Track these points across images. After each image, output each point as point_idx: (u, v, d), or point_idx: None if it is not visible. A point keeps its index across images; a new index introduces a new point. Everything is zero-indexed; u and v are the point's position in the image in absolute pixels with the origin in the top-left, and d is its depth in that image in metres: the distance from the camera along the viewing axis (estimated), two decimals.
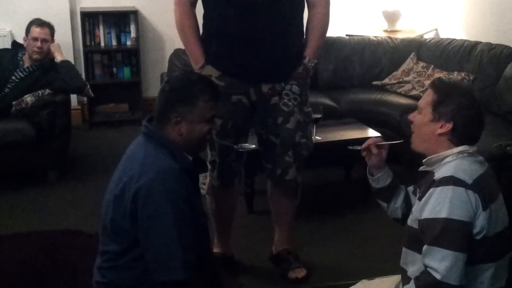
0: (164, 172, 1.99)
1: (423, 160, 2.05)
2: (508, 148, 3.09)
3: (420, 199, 1.98)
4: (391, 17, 5.23)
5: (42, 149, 3.84)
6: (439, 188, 1.89)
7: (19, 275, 2.82)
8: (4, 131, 3.74)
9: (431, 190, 1.91)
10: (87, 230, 3.23)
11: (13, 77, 3.92)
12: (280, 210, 2.87)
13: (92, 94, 4.23)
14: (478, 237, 1.88)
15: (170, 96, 2.11)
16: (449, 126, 1.97)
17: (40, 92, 3.91)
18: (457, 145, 1.98)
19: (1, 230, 3.26)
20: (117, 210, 2.04)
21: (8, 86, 3.89)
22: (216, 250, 2.88)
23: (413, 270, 1.99)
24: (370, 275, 2.24)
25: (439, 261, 1.83)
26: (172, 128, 2.10)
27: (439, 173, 1.93)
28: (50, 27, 4.04)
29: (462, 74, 4.15)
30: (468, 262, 1.87)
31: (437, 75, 4.26)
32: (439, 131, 1.98)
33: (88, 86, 4.15)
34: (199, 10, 2.63)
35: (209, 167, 2.76)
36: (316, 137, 3.27)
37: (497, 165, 3.04)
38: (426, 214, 1.90)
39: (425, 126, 2.02)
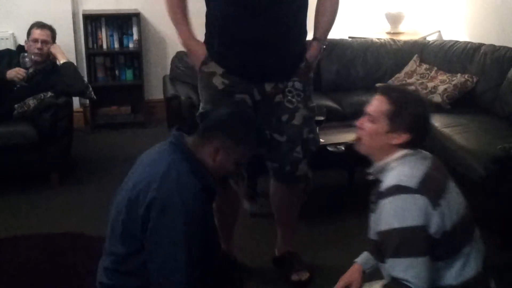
0: (185, 188, 1.97)
1: (370, 171, 2.05)
2: None
3: (373, 211, 1.98)
4: (394, 19, 5.22)
5: (44, 152, 3.84)
6: (387, 199, 1.89)
7: (20, 278, 2.82)
8: (7, 134, 3.74)
9: (380, 202, 1.92)
10: (88, 233, 3.23)
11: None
12: (284, 211, 2.85)
13: (95, 97, 4.23)
14: (437, 236, 1.88)
15: (224, 126, 2.12)
16: (405, 137, 1.96)
17: (42, 95, 3.90)
18: (403, 148, 1.98)
19: (3, 232, 3.26)
20: (129, 213, 2.02)
21: (14, 88, 3.89)
22: None
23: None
24: (372, 278, 2.23)
25: (405, 271, 1.84)
26: (208, 151, 2.09)
27: (385, 183, 1.93)
28: (51, 30, 4.05)
29: (466, 76, 4.14)
30: (434, 260, 1.88)
31: (440, 77, 4.25)
32: (395, 141, 1.97)
33: (90, 89, 4.14)
34: (202, 8, 2.62)
35: None
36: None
37: (502, 167, 3.04)
38: (381, 228, 1.91)
39: (380, 136, 2.00)
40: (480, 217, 3.23)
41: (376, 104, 2.02)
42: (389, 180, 1.93)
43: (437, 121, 3.71)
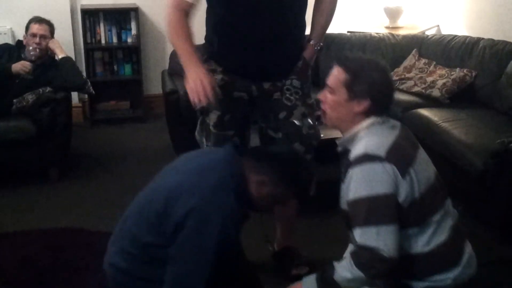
0: (227, 209, 1.98)
1: (337, 141, 2.08)
2: (510, 144, 3.08)
3: (343, 181, 2.00)
4: (393, 14, 5.21)
5: (43, 147, 3.84)
6: (356, 168, 1.91)
7: (20, 273, 2.82)
8: (5, 129, 3.73)
9: (349, 171, 1.94)
10: (88, 228, 3.24)
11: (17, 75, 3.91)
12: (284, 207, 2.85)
13: (93, 92, 4.22)
14: (406, 204, 1.91)
15: (281, 164, 2.12)
16: (366, 103, 1.99)
17: (40, 90, 3.89)
18: (369, 117, 2.00)
19: (2, 228, 3.26)
20: (166, 209, 2.01)
21: (16, 82, 3.88)
22: None
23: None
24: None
25: (377, 239, 1.85)
26: (255, 179, 2.10)
27: (353, 152, 1.96)
28: (49, 24, 4.04)
29: (464, 71, 4.14)
30: (404, 228, 1.90)
31: (439, 71, 4.25)
32: (356, 109, 2.00)
33: (89, 84, 4.14)
34: (202, 6, 2.61)
35: None
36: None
37: (500, 161, 3.04)
38: (350, 197, 1.93)
39: (341, 106, 2.03)
40: (479, 211, 3.27)
41: (334, 75, 2.06)
42: (357, 149, 1.95)
43: (436, 116, 3.72)
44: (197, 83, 2.29)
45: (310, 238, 3.16)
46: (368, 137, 1.98)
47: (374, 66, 2.05)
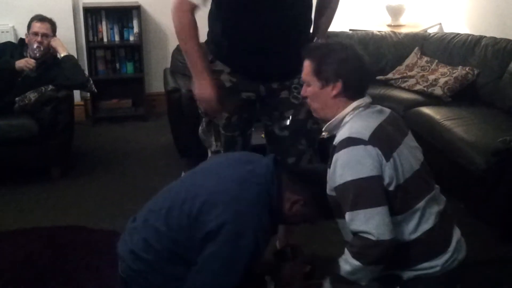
0: (262, 226, 2.02)
1: (323, 128, 2.10)
2: None
3: (329, 166, 2.00)
4: (395, 12, 5.21)
5: (45, 145, 3.84)
6: (340, 152, 1.92)
7: (22, 271, 2.83)
8: (8, 127, 3.74)
9: (334, 156, 1.94)
10: (90, 226, 3.25)
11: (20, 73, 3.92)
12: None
13: (95, 90, 4.23)
14: (391, 188, 1.91)
15: (317, 185, 2.11)
16: (339, 85, 2.01)
17: (43, 88, 3.90)
18: (350, 99, 2.02)
19: (4, 226, 3.27)
20: (199, 214, 2.01)
21: (19, 80, 3.88)
22: None
23: (347, 238, 2.02)
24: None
25: (366, 223, 1.85)
26: (290, 197, 2.12)
27: (337, 137, 1.97)
28: (51, 23, 4.04)
29: (466, 69, 4.13)
30: (391, 215, 1.89)
31: (441, 69, 4.25)
32: (333, 93, 2.02)
33: (91, 82, 4.14)
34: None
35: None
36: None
37: (502, 160, 3.04)
38: (337, 182, 1.93)
39: (319, 95, 2.05)
40: (480, 210, 3.27)
41: (304, 67, 2.09)
42: (341, 134, 1.97)
43: (438, 114, 3.72)
44: (202, 98, 2.45)
45: (312, 235, 3.16)
46: (353, 122, 1.99)
47: (338, 48, 2.07)
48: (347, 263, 1.92)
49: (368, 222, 1.84)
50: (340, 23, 4.99)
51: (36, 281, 2.76)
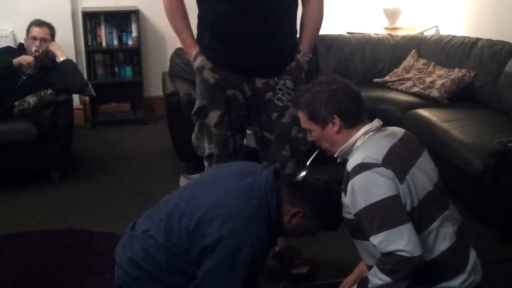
0: (260, 239, 2.02)
1: (335, 155, 2.12)
2: (509, 144, 3.10)
3: (344, 191, 2.02)
4: (392, 15, 5.23)
5: (45, 149, 3.86)
6: (355, 178, 1.94)
7: (22, 274, 2.84)
8: (7, 131, 3.75)
9: (350, 182, 1.96)
10: (90, 229, 3.25)
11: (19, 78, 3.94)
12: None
13: (94, 94, 4.24)
14: (407, 209, 1.92)
15: (315, 196, 2.14)
16: (336, 120, 2.05)
17: (42, 93, 3.92)
18: (354, 127, 2.05)
19: (4, 230, 3.28)
20: (197, 229, 2.03)
21: (18, 84, 3.90)
22: None
23: (365, 257, 2.06)
24: None
25: (395, 242, 1.86)
26: (290, 210, 2.13)
27: (350, 163, 1.99)
28: (49, 27, 4.06)
29: (463, 71, 4.15)
30: None
31: (438, 72, 4.27)
32: (334, 130, 2.07)
33: (90, 86, 4.16)
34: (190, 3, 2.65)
35: (206, 163, 2.77)
36: None
37: (499, 161, 3.06)
38: (359, 206, 1.94)
39: (324, 136, 2.11)
40: (478, 211, 3.28)
41: (300, 118, 2.16)
42: (353, 160, 1.98)
43: (435, 116, 3.73)
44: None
45: (311, 237, 3.17)
46: (364, 146, 2.02)
47: (321, 88, 2.10)
48: (377, 277, 1.93)
49: (397, 241, 1.85)
50: (337, 26, 5.03)
51: (36, 284, 2.77)
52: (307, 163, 2.26)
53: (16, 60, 3.84)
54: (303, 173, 2.21)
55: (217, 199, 2.07)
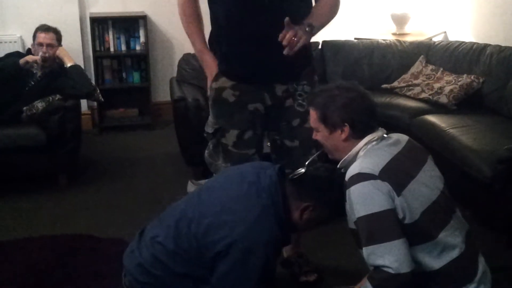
0: (271, 239, 2.03)
1: (338, 165, 2.10)
2: None
3: (346, 201, 2.01)
4: (400, 20, 5.22)
5: (53, 154, 3.87)
6: (351, 188, 1.93)
7: (29, 279, 2.83)
8: (15, 136, 3.76)
9: (347, 191, 1.96)
10: (97, 234, 3.25)
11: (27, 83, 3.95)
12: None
13: (102, 99, 4.25)
14: (406, 221, 1.90)
15: (321, 189, 2.14)
16: (346, 129, 2.04)
17: (50, 98, 3.93)
18: (362, 137, 2.04)
19: (12, 234, 3.28)
20: (204, 231, 2.03)
21: (26, 89, 3.91)
22: None
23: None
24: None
25: (382, 257, 1.85)
26: (299, 206, 2.13)
27: (349, 172, 1.97)
28: (55, 32, 4.06)
29: (472, 77, 4.14)
30: (410, 246, 1.89)
31: (447, 78, 4.26)
32: (342, 137, 2.05)
33: (98, 91, 4.17)
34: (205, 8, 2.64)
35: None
36: None
37: (508, 167, 3.04)
38: (353, 217, 1.94)
39: (329, 139, 2.10)
40: (487, 218, 3.27)
41: (311, 116, 2.14)
42: (351, 169, 1.97)
43: (443, 122, 3.72)
44: (209, 71, 2.63)
45: (319, 243, 3.16)
46: (364, 157, 2.01)
47: (340, 92, 2.08)
48: None
49: (385, 256, 1.84)
50: (345, 32, 5.02)
51: None
52: (307, 163, 2.26)
53: (22, 60, 3.84)
54: (302, 170, 2.21)
55: (224, 205, 2.07)
